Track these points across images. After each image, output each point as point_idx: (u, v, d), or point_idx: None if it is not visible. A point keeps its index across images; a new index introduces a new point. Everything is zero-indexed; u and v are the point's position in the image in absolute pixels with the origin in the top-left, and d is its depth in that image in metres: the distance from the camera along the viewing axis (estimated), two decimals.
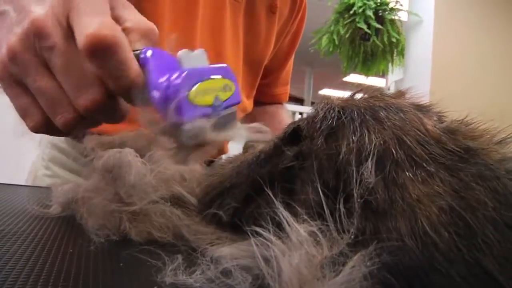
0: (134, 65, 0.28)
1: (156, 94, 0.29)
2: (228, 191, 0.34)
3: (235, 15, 0.72)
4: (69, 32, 0.28)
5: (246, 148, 0.39)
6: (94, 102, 0.29)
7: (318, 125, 0.31)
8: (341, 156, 0.28)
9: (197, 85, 0.30)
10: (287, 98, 0.97)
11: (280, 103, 0.96)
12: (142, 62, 0.30)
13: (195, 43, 0.66)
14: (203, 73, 0.31)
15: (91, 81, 0.28)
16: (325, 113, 0.31)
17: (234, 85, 0.35)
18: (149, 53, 0.30)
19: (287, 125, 0.34)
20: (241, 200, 0.33)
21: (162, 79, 0.29)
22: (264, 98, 0.92)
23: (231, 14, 0.71)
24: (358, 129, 0.29)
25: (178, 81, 0.29)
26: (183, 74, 0.29)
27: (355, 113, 0.30)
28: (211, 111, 0.32)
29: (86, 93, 0.28)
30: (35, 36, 0.28)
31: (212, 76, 0.32)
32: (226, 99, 0.34)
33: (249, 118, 0.86)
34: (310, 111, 0.33)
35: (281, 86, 0.95)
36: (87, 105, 0.29)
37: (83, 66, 0.28)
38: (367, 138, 0.28)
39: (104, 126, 0.62)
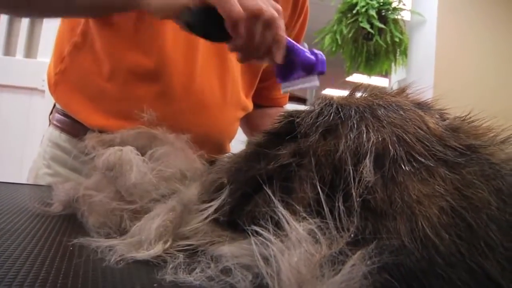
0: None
1: (308, 62, 0.51)
2: (225, 187, 0.33)
3: None
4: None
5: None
6: None
7: (314, 120, 0.30)
8: (338, 154, 0.27)
9: None
10: (287, 102, 0.97)
11: (280, 106, 0.96)
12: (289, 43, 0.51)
13: (197, 41, 0.66)
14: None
15: None
16: (321, 108, 0.31)
17: None
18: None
19: (280, 117, 0.34)
20: (239, 196, 0.32)
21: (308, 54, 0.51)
22: (264, 102, 0.92)
23: None
24: (356, 126, 0.28)
25: (322, 57, 0.51)
26: (320, 56, 0.51)
27: (353, 110, 0.30)
28: None
29: None
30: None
31: None
32: None
33: (248, 119, 0.86)
34: (307, 107, 0.33)
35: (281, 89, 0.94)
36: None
37: None
38: (365, 136, 0.27)
39: (105, 124, 0.61)
